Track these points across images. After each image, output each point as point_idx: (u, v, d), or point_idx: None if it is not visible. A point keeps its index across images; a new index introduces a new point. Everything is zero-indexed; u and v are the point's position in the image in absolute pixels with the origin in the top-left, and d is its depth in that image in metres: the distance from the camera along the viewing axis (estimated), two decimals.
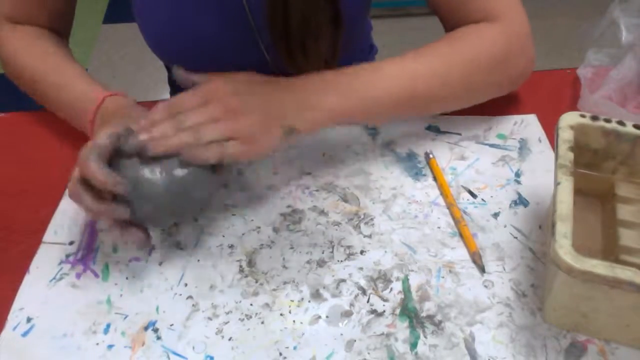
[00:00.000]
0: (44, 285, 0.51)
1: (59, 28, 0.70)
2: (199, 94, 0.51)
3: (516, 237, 0.54)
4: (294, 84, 0.54)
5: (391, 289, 0.50)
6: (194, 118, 0.49)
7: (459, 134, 0.64)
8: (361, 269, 0.52)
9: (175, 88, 0.89)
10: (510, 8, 0.62)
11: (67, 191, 0.59)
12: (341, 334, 0.47)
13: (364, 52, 0.88)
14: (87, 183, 0.47)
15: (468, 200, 0.58)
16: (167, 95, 0.93)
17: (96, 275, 0.52)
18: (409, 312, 0.48)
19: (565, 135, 0.49)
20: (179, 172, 0.48)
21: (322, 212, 0.57)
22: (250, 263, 0.52)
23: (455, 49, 0.59)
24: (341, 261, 0.52)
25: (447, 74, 0.58)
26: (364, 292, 0.50)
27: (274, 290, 0.50)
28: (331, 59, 0.62)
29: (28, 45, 0.65)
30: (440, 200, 0.58)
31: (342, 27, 0.60)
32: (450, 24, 0.65)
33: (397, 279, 0.51)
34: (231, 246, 0.54)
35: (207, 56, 0.69)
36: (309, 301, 0.49)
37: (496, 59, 0.60)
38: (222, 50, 0.68)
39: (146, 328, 0.48)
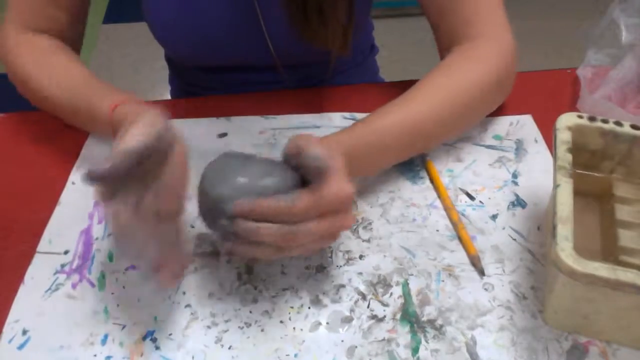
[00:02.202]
0: (39, 296, 0.50)
1: (74, 35, 0.68)
2: (319, 206, 0.44)
3: (515, 239, 0.54)
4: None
5: (391, 294, 0.50)
6: (309, 235, 0.44)
7: None
8: (361, 273, 0.51)
9: (176, 88, 0.89)
10: (500, 25, 0.62)
11: (61, 198, 0.58)
12: (342, 340, 0.47)
13: (365, 53, 0.87)
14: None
15: (466, 202, 0.57)
16: (168, 95, 0.92)
17: (92, 284, 0.51)
18: (409, 316, 0.48)
19: (563, 136, 0.49)
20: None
21: None
22: (249, 270, 0.52)
23: (453, 79, 0.58)
24: (340, 266, 0.52)
25: (449, 111, 0.56)
26: (364, 297, 0.50)
27: (274, 297, 0.50)
28: (348, 25, 0.61)
29: (44, 61, 0.62)
30: (438, 203, 0.57)
31: None
32: (440, 33, 0.65)
33: (397, 283, 0.51)
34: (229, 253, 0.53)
35: (210, 43, 0.70)
36: (309, 307, 0.49)
37: (494, 81, 0.59)
38: (225, 38, 0.69)
39: (144, 338, 0.47)
